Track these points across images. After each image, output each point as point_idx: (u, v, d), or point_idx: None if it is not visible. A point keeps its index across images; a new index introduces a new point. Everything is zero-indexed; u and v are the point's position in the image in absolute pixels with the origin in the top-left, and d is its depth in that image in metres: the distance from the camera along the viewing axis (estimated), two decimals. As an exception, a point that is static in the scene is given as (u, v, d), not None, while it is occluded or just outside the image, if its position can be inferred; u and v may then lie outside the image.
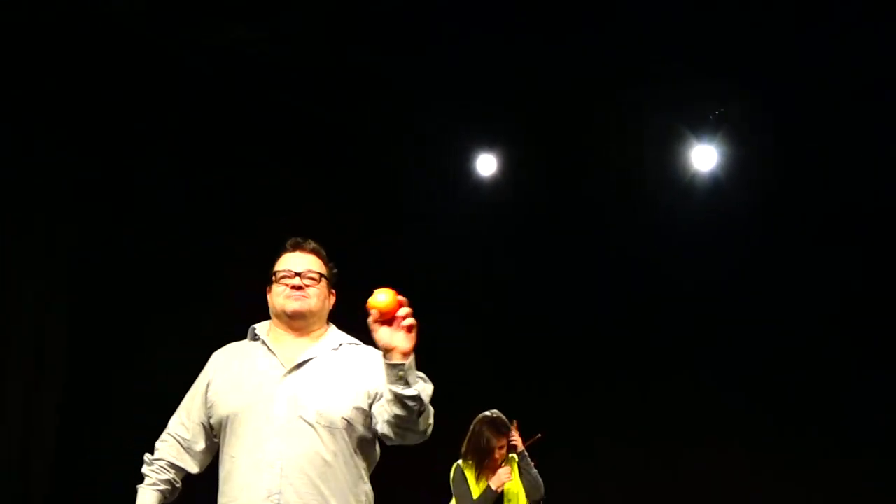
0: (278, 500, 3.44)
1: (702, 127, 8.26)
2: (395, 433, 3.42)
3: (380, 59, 7.74)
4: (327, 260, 3.79)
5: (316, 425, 3.50)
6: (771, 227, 8.62)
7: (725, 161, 8.38)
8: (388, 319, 3.23)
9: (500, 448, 6.08)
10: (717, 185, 8.49)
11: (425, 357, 3.33)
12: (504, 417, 6.23)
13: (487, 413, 6.22)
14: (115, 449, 6.96)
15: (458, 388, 8.22)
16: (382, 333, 3.24)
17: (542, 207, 8.94)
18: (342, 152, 8.63)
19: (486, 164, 8.73)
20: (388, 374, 3.27)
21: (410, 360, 3.26)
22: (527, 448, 7.73)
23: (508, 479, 6.00)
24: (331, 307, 3.78)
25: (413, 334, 3.24)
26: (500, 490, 5.96)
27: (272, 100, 8.15)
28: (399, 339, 3.23)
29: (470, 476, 6.00)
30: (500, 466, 6.06)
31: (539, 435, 7.75)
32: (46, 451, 7.19)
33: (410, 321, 3.24)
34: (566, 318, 8.90)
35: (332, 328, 3.78)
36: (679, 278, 8.74)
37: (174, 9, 7.10)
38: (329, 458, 3.50)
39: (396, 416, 3.34)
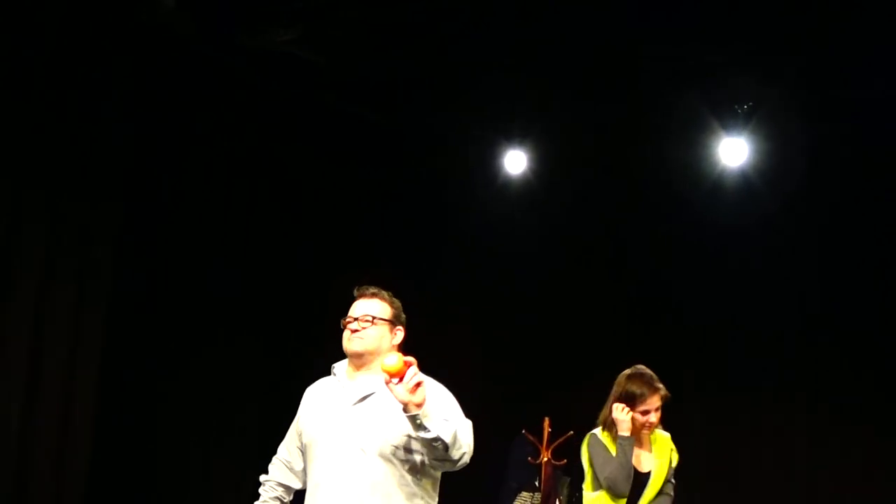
0: None
1: (731, 120, 8.20)
2: (433, 466, 4.02)
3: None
4: (390, 300, 4.30)
5: (374, 453, 4.01)
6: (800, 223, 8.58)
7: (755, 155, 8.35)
8: (399, 379, 3.74)
9: (655, 409, 5.21)
10: (746, 180, 8.45)
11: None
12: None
13: (631, 370, 5.41)
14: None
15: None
16: (397, 391, 3.74)
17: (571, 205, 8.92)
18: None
19: (515, 162, 8.71)
20: (410, 424, 3.79)
21: (423, 409, 3.75)
22: (556, 446, 7.79)
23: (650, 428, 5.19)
24: (398, 342, 4.27)
25: (421, 389, 3.73)
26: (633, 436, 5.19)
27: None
28: (410, 395, 3.72)
29: (609, 445, 5.23)
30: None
31: (570, 433, 7.79)
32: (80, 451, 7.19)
33: (416, 380, 3.72)
34: (592, 319, 8.88)
35: None
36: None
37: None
38: (381, 480, 4.01)
39: (428, 454, 3.91)
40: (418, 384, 3.73)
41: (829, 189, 8.46)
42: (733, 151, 8.27)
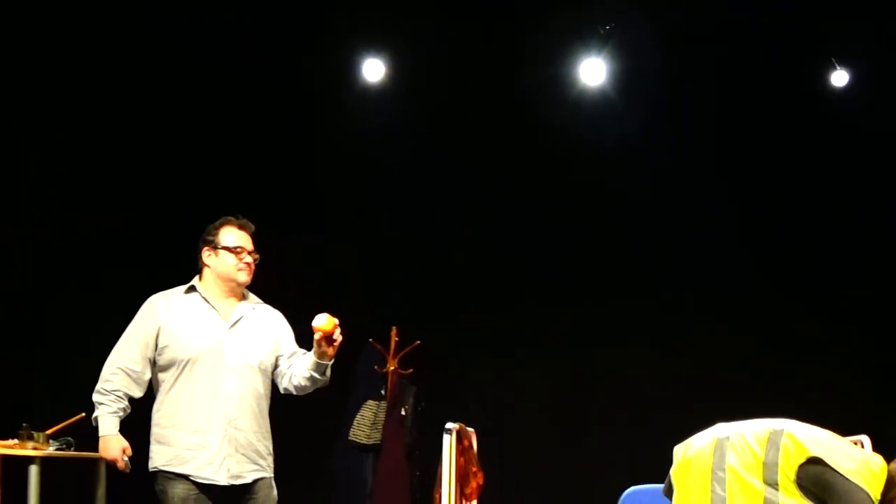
0: (235, 424, 4.65)
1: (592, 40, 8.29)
2: (298, 392, 4.86)
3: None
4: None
5: (256, 368, 4.75)
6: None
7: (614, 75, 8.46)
8: (326, 337, 4.57)
9: None
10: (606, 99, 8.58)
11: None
12: None
13: None
14: None
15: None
16: (322, 346, 4.61)
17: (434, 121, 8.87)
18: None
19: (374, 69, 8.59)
20: (314, 366, 4.69)
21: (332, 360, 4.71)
22: (402, 356, 7.84)
23: None
24: None
25: (338, 345, 4.64)
26: None
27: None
28: (331, 350, 4.64)
29: None
30: None
31: (417, 342, 7.86)
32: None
33: (339, 340, 4.63)
34: (444, 230, 8.92)
35: (248, 291, 4.94)
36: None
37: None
38: (262, 391, 4.80)
39: (305, 386, 4.79)
40: (339, 343, 4.62)
41: (687, 109, 8.66)
42: (592, 71, 8.39)
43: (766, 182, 8.76)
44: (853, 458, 3.67)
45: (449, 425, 7.08)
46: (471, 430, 7.84)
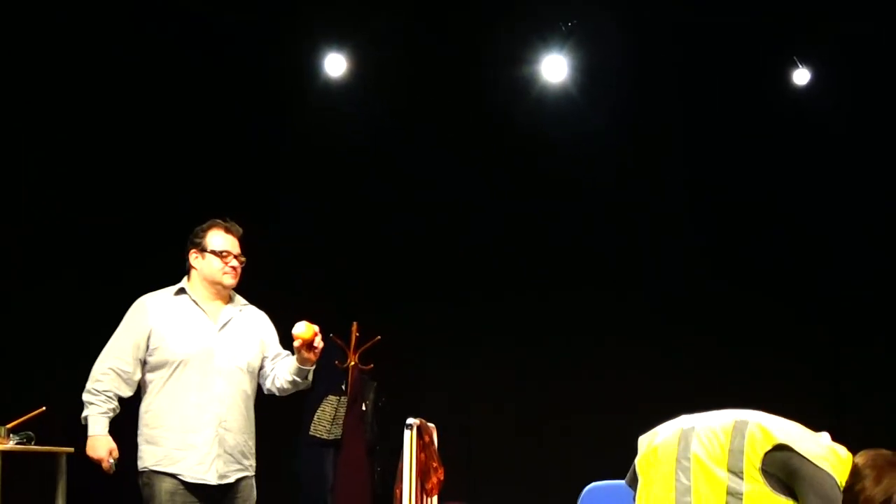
0: (224, 425, 4.74)
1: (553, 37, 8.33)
2: (279, 393, 4.99)
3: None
4: None
5: (245, 370, 4.86)
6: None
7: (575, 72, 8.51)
8: (307, 344, 4.70)
9: None
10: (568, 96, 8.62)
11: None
12: None
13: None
14: None
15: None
16: (303, 352, 4.74)
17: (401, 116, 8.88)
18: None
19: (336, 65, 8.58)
20: (296, 371, 4.83)
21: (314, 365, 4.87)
22: (363, 351, 7.84)
23: None
24: None
25: (319, 351, 4.79)
26: None
27: None
28: (312, 356, 4.77)
29: None
30: None
31: (378, 338, 7.85)
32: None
33: (321, 346, 4.77)
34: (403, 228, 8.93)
35: (234, 292, 5.01)
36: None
37: None
38: (249, 392, 4.90)
39: (287, 388, 4.93)
40: (320, 350, 4.79)
41: (650, 106, 8.74)
42: (554, 68, 8.44)
43: (730, 178, 8.82)
44: (820, 445, 3.73)
45: (410, 421, 7.09)
46: (431, 425, 7.86)
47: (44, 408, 5.84)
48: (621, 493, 4.56)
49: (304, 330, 4.69)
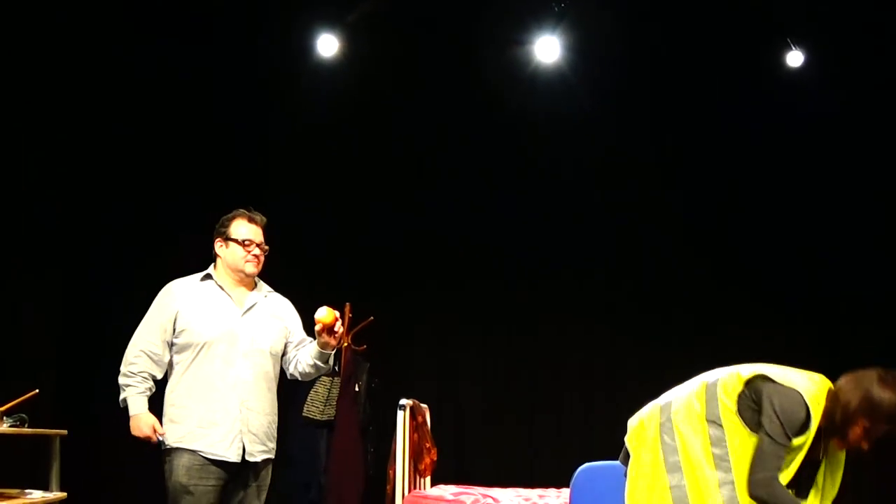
0: (247, 405, 4.91)
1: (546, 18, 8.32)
2: (302, 378, 5.20)
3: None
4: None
5: (268, 353, 5.03)
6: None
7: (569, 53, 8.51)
8: (327, 328, 4.84)
9: None
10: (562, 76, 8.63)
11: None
12: None
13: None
14: None
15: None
16: (324, 337, 4.88)
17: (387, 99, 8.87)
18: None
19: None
20: (317, 355, 4.99)
21: (335, 349, 5.01)
22: (356, 332, 7.85)
23: None
24: None
25: (339, 336, 4.93)
26: None
27: None
28: (332, 340, 4.91)
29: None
30: None
31: (371, 318, 7.86)
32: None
33: (341, 331, 4.94)
34: (401, 212, 8.94)
35: (259, 279, 5.21)
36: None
37: None
38: (273, 375, 5.08)
39: (309, 373, 5.12)
40: (341, 336, 4.94)
41: (643, 86, 8.74)
42: (547, 49, 8.43)
43: (720, 160, 8.82)
44: (800, 375, 3.98)
45: (403, 402, 7.12)
46: (424, 406, 7.89)
47: (37, 391, 5.82)
48: (614, 473, 4.61)
49: (325, 315, 4.83)
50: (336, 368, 7.91)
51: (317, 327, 4.87)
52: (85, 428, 4.93)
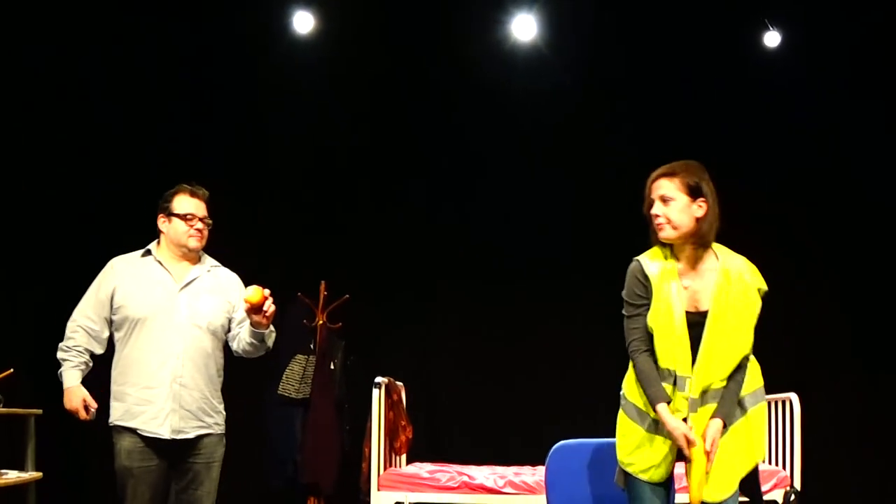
0: (180, 381, 4.87)
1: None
2: (245, 355, 5.12)
3: None
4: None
5: (205, 328, 4.96)
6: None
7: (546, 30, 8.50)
8: (255, 308, 4.72)
9: None
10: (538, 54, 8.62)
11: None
12: None
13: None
14: None
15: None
16: (253, 317, 4.79)
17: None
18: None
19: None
20: (251, 333, 4.91)
21: (269, 328, 4.95)
22: (331, 309, 7.84)
23: None
24: None
25: (271, 315, 4.80)
26: None
27: None
28: (263, 320, 4.80)
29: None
30: None
31: (346, 297, 7.86)
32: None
33: (271, 311, 4.77)
34: (377, 186, 8.93)
35: (204, 254, 5.14)
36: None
37: None
38: (210, 351, 4.99)
39: (250, 351, 5.05)
40: (272, 315, 4.79)
41: (619, 65, 8.72)
42: (524, 26, 8.45)
43: (701, 137, 8.79)
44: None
45: (378, 379, 7.13)
46: (400, 384, 7.90)
47: (11, 370, 5.81)
48: (588, 451, 4.66)
49: (251, 294, 4.73)
50: (312, 346, 7.91)
51: (244, 307, 4.79)
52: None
